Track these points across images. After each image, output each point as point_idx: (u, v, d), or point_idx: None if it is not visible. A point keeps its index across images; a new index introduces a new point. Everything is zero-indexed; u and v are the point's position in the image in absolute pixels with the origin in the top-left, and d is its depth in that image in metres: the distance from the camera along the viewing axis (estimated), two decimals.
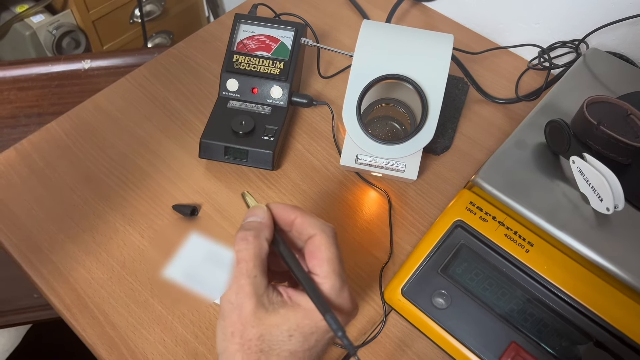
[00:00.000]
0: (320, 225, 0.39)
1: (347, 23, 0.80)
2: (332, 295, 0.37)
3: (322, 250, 0.38)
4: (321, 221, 0.39)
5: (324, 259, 0.37)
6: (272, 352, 0.37)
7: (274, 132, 0.62)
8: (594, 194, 0.47)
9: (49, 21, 1.04)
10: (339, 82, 0.73)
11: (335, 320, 0.35)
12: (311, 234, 0.38)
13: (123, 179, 0.62)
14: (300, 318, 0.37)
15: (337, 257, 0.38)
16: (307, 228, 0.39)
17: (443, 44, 0.54)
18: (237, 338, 0.37)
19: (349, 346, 0.35)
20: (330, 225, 0.39)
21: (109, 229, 0.58)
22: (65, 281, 0.55)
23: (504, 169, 0.51)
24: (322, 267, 0.37)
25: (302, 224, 0.39)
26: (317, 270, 0.38)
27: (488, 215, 0.49)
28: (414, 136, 0.52)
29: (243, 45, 0.66)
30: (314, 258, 0.38)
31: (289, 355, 0.37)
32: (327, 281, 0.37)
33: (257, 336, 0.36)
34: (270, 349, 0.36)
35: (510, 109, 0.71)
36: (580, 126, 0.51)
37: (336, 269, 0.37)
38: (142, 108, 0.69)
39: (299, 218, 0.39)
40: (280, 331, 0.36)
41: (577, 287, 0.45)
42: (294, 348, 0.37)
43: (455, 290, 0.48)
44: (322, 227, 0.39)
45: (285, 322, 0.36)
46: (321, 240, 0.38)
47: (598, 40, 0.68)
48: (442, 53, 0.53)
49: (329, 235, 0.38)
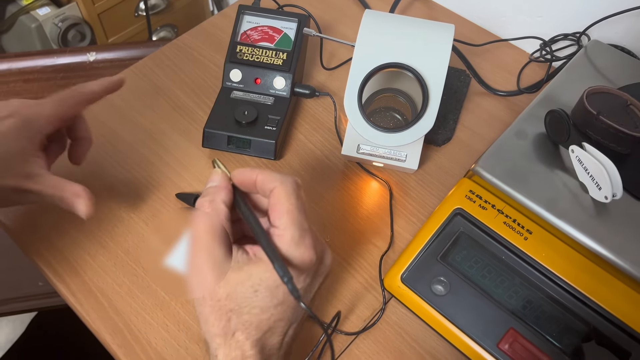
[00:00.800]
0: (280, 178, 0.39)
1: (350, 15, 0.81)
2: (292, 246, 0.37)
3: (281, 202, 0.38)
4: (281, 174, 0.39)
5: (282, 211, 0.38)
6: (242, 311, 0.37)
7: (277, 122, 0.62)
8: (593, 183, 0.48)
9: (55, 14, 1.04)
10: (341, 74, 0.73)
11: (282, 266, 0.35)
12: (271, 188, 0.39)
13: (127, 167, 0.63)
14: (261, 272, 0.37)
15: (296, 208, 0.38)
16: (267, 183, 0.39)
17: (444, 33, 0.54)
18: (208, 300, 0.38)
19: (293, 291, 0.35)
20: (292, 177, 0.40)
21: (114, 217, 0.59)
22: (70, 267, 0.55)
23: (504, 158, 0.52)
24: (282, 219, 0.38)
25: (263, 181, 0.39)
26: (277, 222, 0.38)
27: (487, 203, 0.50)
28: (415, 124, 0.52)
29: (246, 36, 0.66)
30: (273, 211, 0.38)
31: (260, 312, 0.37)
32: (286, 232, 0.37)
33: (224, 296, 0.37)
34: (240, 306, 0.37)
35: (511, 101, 0.71)
36: (580, 116, 0.51)
37: (295, 219, 0.37)
38: (146, 98, 0.70)
39: (260, 175, 0.40)
40: (245, 287, 0.37)
41: (575, 274, 0.46)
42: (263, 304, 0.37)
43: (455, 278, 0.49)
44: (282, 179, 0.39)
45: (248, 278, 0.37)
46: (280, 192, 0.38)
47: (600, 33, 0.69)
48: (443, 42, 0.54)
49: (287, 186, 0.38)
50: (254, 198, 0.43)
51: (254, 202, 0.43)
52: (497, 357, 0.46)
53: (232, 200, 0.41)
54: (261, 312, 0.37)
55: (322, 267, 0.41)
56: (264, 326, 0.38)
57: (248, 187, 0.41)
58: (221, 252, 0.37)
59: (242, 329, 0.37)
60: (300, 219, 0.38)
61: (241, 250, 0.38)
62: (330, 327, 0.48)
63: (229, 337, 0.37)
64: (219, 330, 0.37)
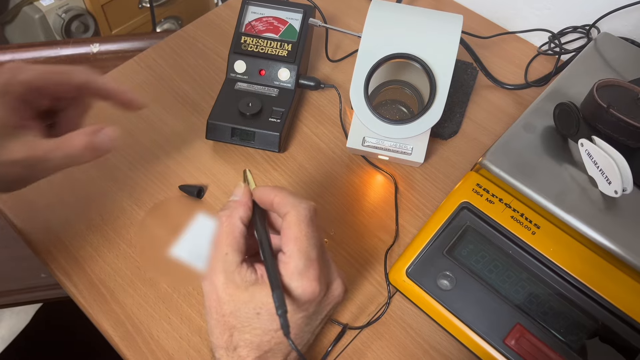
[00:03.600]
0: (294, 202, 0.38)
1: (356, 7, 0.80)
2: (295, 276, 0.37)
3: (291, 228, 0.37)
4: (297, 199, 0.39)
5: (291, 237, 0.37)
6: (244, 330, 0.37)
7: (281, 114, 0.62)
8: (603, 177, 0.47)
9: (58, 4, 1.04)
10: (347, 66, 0.72)
11: (279, 297, 0.35)
12: (285, 212, 0.38)
13: (130, 159, 0.63)
14: (264, 295, 0.37)
15: (304, 236, 0.37)
16: (282, 206, 0.39)
17: (452, 24, 0.54)
18: (214, 313, 0.38)
19: (284, 326, 0.35)
20: (307, 202, 0.39)
21: (116, 208, 0.59)
22: (73, 259, 0.55)
23: (512, 152, 0.51)
24: (288, 246, 0.37)
25: (279, 203, 0.39)
26: (285, 248, 0.38)
27: (495, 197, 0.49)
28: (422, 116, 0.51)
29: (251, 26, 0.66)
30: (283, 236, 0.38)
31: (262, 333, 0.37)
32: (291, 261, 0.37)
33: (229, 312, 0.37)
34: (242, 325, 0.37)
35: (519, 94, 0.70)
36: (590, 109, 0.51)
37: (302, 248, 0.37)
38: (149, 90, 0.69)
39: (277, 197, 0.39)
40: (248, 308, 0.37)
41: (584, 270, 0.45)
42: (265, 326, 0.37)
43: (461, 272, 0.48)
44: (295, 204, 0.38)
45: (251, 299, 0.37)
46: (292, 217, 0.38)
47: (609, 25, 0.68)
48: (451, 33, 0.53)
49: (300, 212, 0.38)
50: (272, 217, 0.43)
51: (272, 221, 0.43)
52: (504, 353, 0.45)
53: (249, 217, 0.40)
54: (263, 334, 0.37)
55: (329, 298, 0.40)
56: (265, 347, 0.38)
57: (266, 205, 0.41)
58: (235, 261, 0.38)
59: (243, 346, 0.38)
60: (308, 248, 0.37)
61: (251, 269, 0.38)
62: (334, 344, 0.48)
63: (231, 350, 0.38)
64: (222, 343, 0.38)
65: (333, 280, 0.41)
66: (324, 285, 0.39)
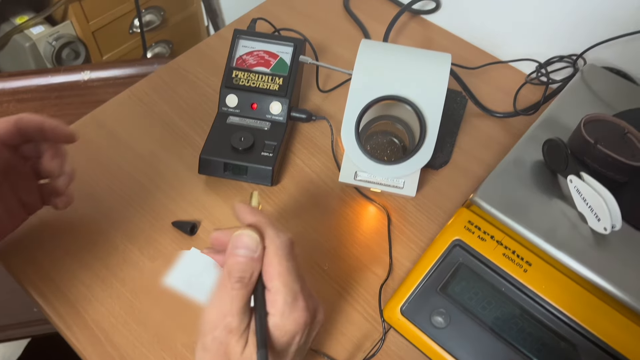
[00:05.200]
0: (272, 237, 0.39)
1: (346, 36, 0.81)
2: (286, 311, 0.37)
3: (273, 264, 0.38)
4: (275, 231, 0.39)
5: (274, 274, 0.38)
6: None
7: (273, 148, 0.62)
8: (592, 214, 0.48)
9: (49, 32, 1.04)
10: (338, 96, 0.73)
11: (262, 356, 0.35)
12: (264, 246, 0.38)
13: (122, 194, 0.62)
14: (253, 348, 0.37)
15: (286, 270, 0.38)
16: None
17: (441, 64, 0.54)
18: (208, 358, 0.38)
19: None
20: (284, 235, 0.39)
21: (109, 246, 0.59)
22: (64, 298, 0.55)
23: (502, 188, 0.51)
24: (273, 282, 0.38)
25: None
26: (269, 284, 0.38)
27: (486, 234, 0.49)
28: (412, 156, 0.52)
29: (242, 60, 0.66)
30: (265, 272, 0.38)
31: None
32: (279, 297, 0.37)
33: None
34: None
35: (508, 122, 0.71)
36: (578, 144, 0.51)
37: (287, 282, 0.38)
38: (141, 123, 0.69)
39: (255, 225, 0.39)
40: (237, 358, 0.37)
41: (576, 307, 0.46)
42: None
43: (454, 309, 0.48)
44: (273, 238, 0.39)
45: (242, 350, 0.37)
46: (271, 252, 0.38)
47: (595, 54, 0.69)
48: (440, 74, 0.53)
49: (278, 247, 0.38)
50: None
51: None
52: None
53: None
54: None
55: (315, 324, 0.41)
56: None
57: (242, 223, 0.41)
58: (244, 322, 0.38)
59: None
60: (292, 283, 0.38)
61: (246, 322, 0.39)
62: None
63: None
64: None
65: (317, 307, 0.42)
66: (312, 312, 0.40)
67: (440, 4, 0.82)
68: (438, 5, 0.82)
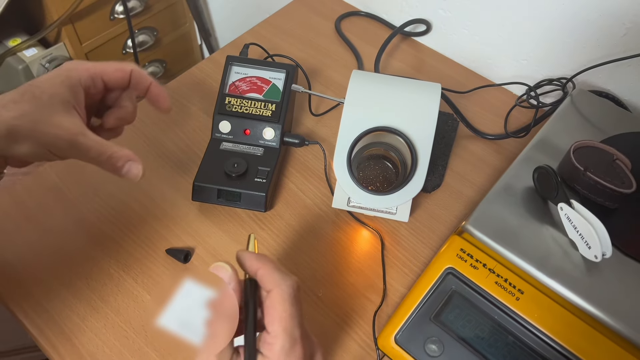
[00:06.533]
0: (278, 280, 0.38)
1: (338, 59, 0.81)
2: (282, 356, 0.37)
3: (276, 308, 0.38)
4: (281, 274, 0.39)
5: (275, 317, 0.38)
6: None
7: (267, 174, 0.62)
8: (582, 241, 0.48)
9: (42, 55, 1.04)
10: (330, 120, 0.73)
11: None
12: (269, 289, 0.38)
13: (116, 222, 0.63)
14: None
15: (289, 315, 0.38)
16: (266, 282, 0.39)
17: (431, 95, 0.55)
18: None
19: None
20: (291, 279, 0.39)
21: (103, 275, 0.59)
22: (59, 329, 0.55)
23: (494, 215, 0.52)
24: (273, 326, 0.37)
25: (263, 277, 0.39)
26: (269, 328, 0.38)
27: (479, 262, 0.50)
28: (403, 187, 0.52)
29: (235, 87, 0.66)
30: (267, 315, 0.38)
31: None
32: (277, 341, 0.37)
33: None
34: None
35: (499, 144, 0.72)
36: (568, 171, 0.52)
37: (287, 328, 0.37)
38: (134, 149, 0.68)
39: (261, 270, 0.39)
40: None
41: (568, 335, 0.46)
42: None
43: (448, 337, 0.49)
44: (279, 282, 0.38)
45: None
46: (276, 297, 0.38)
47: (585, 78, 0.70)
48: (430, 104, 0.54)
49: (284, 291, 0.38)
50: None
51: None
52: None
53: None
54: None
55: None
56: None
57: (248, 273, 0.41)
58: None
59: None
60: (293, 328, 0.38)
61: (235, 354, 0.38)
62: None
63: None
64: None
65: (315, 352, 0.41)
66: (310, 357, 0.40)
67: (431, 26, 0.82)
68: (429, 27, 0.83)
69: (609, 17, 0.64)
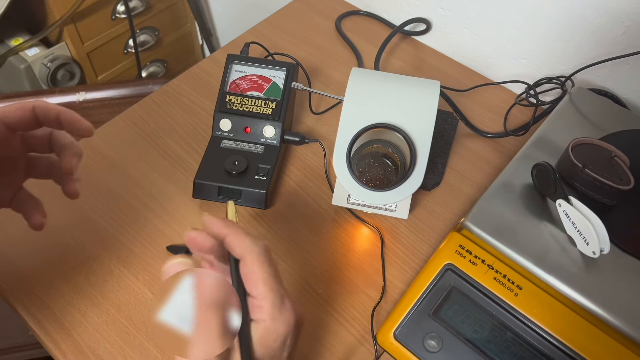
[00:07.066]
0: (250, 245, 0.39)
1: (338, 58, 0.82)
2: (276, 313, 0.38)
3: (255, 272, 0.38)
4: (251, 239, 0.39)
5: (259, 280, 0.38)
6: None
7: (267, 172, 0.63)
8: (581, 238, 0.48)
9: (44, 54, 1.05)
10: (330, 118, 0.74)
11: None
12: (241, 255, 0.39)
13: (117, 219, 0.63)
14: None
15: (271, 275, 0.38)
16: (237, 247, 0.39)
17: (430, 91, 0.55)
18: None
19: None
20: (261, 241, 0.39)
21: (104, 271, 0.59)
22: (60, 325, 0.55)
23: (492, 212, 0.52)
24: (258, 289, 0.38)
25: (232, 242, 0.39)
26: (254, 292, 0.38)
27: (477, 258, 0.50)
28: (402, 183, 0.53)
29: (235, 85, 0.67)
30: (248, 280, 0.38)
31: None
32: (266, 301, 0.37)
33: None
34: None
35: (499, 142, 0.72)
36: (566, 168, 0.52)
37: (272, 286, 0.38)
38: (136, 147, 0.70)
39: (230, 236, 0.39)
40: None
41: (566, 330, 0.46)
42: None
43: (447, 333, 0.49)
44: (251, 248, 0.39)
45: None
46: (253, 261, 0.38)
47: (583, 76, 0.70)
48: (429, 101, 0.54)
49: (259, 254, 0.38)
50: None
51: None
52: None
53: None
54: None
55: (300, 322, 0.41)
56: None
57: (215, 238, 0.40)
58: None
59: None
60: (277, 286, 0.38)
61: None
62: None
63: None
64: None
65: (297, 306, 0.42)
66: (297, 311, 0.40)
67: (430, 25, 0.83)
68: (429, 26, 0.83)
69: (608, 16, 0.64)
